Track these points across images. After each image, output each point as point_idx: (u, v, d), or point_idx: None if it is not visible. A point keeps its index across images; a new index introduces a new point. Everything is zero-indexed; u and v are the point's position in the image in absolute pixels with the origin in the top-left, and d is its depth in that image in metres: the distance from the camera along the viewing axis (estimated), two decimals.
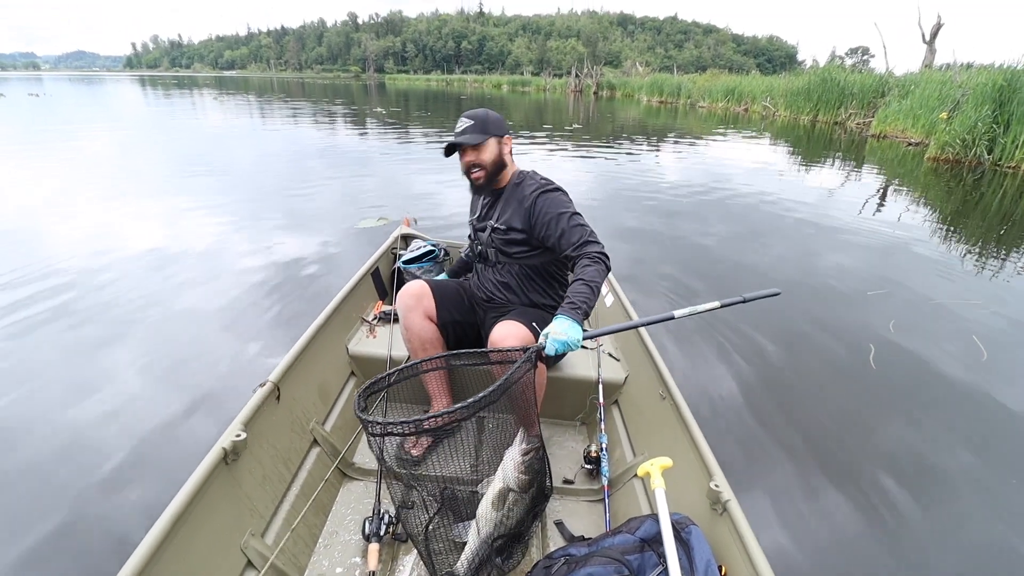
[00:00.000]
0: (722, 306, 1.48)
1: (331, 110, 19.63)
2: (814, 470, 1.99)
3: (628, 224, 5.19)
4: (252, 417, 1.33)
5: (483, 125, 1.65)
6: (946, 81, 11.04)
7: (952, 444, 2.15)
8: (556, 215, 1.59)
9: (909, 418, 2.33)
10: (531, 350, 1.32)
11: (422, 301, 1.72)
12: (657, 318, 1.49)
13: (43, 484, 1.80)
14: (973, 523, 1.78)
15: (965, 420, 2.31)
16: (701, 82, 25.03)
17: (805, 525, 1.74)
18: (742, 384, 2.52)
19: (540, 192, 1.64)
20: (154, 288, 3.39)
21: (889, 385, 2.56)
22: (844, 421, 2.31)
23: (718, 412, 2.31)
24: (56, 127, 12.71)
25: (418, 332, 1.71)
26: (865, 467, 2.02)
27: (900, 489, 1.90)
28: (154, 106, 21.86)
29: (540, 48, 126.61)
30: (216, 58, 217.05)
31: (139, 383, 2.38)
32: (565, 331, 1.34)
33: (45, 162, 7.79)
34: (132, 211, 5.21)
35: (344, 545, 1.43)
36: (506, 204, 1.72)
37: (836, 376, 2.65)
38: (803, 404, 2.43)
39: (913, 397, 2.48)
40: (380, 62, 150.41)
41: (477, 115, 1.66)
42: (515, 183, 1.73)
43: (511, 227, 1.69)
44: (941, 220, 5.71)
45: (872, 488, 1.90)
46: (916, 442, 2.16)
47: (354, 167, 7.93)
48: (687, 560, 1.11)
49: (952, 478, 1.97)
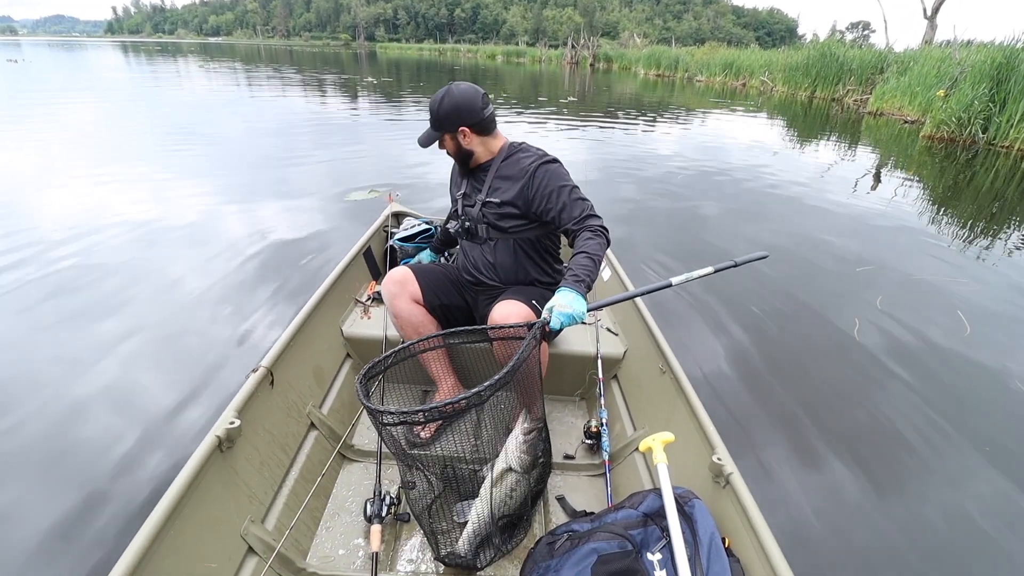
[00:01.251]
0: (716, 271, 1.52)
1: (321, 79, 19.13)
2: (812, 439, 2.03)
3: (623, 197, 5.17)
4: (246, 403, 1.32)
5: (436, 122, 1.62)
6: (945, 58, 10.91)
7: (939, 414, 2.21)
8: (557, 188, 1.55)
9: (894, 387, 2.38)
10: (536, 325, 1.29)
11: (406, 287, 1.69)
12: (655, 286, 1.49)
13: (27, 472, 1.75)
14: (952, 485, 1.85)
15: (961, 392, 2.37)
16: (699, 55, 24.57)
17: (805, 494, 1.78)
18: (737, 357, 2.56)
19: (539, 163, 1.58)
20: (139, 265, 3.31)
21: (872, 356, 2.62)
22: (837, 391, 2.36)
23: (715, 384, 2.34)
24: (38, 95, 12.28)
25: (407, 317, 1.69)
26: (860, 435, 2.07)
27: (893, 455, 1.96)
28: (137, 73, 21.17)
29: (536, 17, 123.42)
30: (201, 24, 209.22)
31: (124, 368, 2.29)
32: (570, 303, 1.31)
33: (27, 131, 7.54)
34: (117, 183, 5.07)
35: (346, 527, 1.43)
36: (498, 177, 1.66)
37: (825, 348, 2.71)
38: (797, 375, 2.47)
39: (896, 368, 2.53)
40: (371, 30, 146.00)
41: (433, 109, 1.61)
42: (506, 156, 1.67)
43: (505, 201, 1.62)
44: (933, 199, 5.72)
45: (868, 454, 1.96)
46: (907, 411, 2.21)
47: (344, 138, 7.77)
48: (691, 533, 1.12)
49: (935, 446, 2.03)
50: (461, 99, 1.58)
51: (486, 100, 1.63)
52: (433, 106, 1.60)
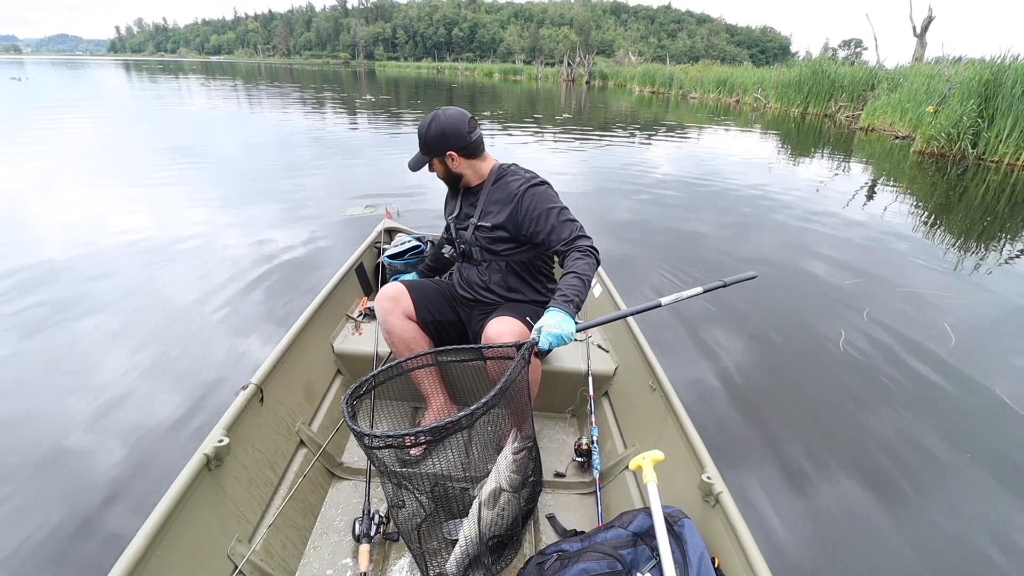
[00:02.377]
0: (704, 291, 1.52)
1: (320, 97, 19.34)
2: (801, 458, 2.02)
3: (616, 214, 5.21)
4: (235, 421, 1.31)
5: (425, 147, 1.63)
6: (934, 75, 11.10)
7: (931, 432, 2.20)
8: (545, 210, 1.56)
9: (884, 404, 2.38)
10: (524, 345, 1.30)
11: (399, 303, 1.69)
12: (645, 306, 1.50)
13: (10, 491, 1.73)
14: (946, 506, 1.83)
15: (954, 411, 2.36)
16: (693, 73, 24.97)
17: (794, 513, 1.77)
18: (727, 373, 2.56)
19: (527, 186, 1.59)
20: (137, 281, 3.33)
21: (861, 372, 2.63)
22: (826, 408, 2.36)
23: (704, 401, 2.34)
24: (42, 113, 12.40)
25: (400, 334, 1.69)
26: (850, 453, 2.06)
27: (882, 472, 1.94)
28: (140, 92, 21.39)
29: (532, 36, 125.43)
30: (202, 43, 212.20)
31: (117, 383, 2.30)
32: (558, 324, 1.32)
33: (30, 149, 7.61)
34: (118, 200, 5.11)
35: (334, 547, 1.42)
36: (488, 200, 1.66)
37: (814, 363, 2.72)
38: (787, 391, 2.47)
39: (885, 384, 2.52)
40: (370, 48, 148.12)
41: (421, 133, 1.63)
42: (495, 178, 1.67)
43: (496, 224, 1.63)
44: (925, 213, 5.77)
45: (858, 472, 1.95)
46: (897, 428, 2.21)
47: (343, 155, 7.84)
48: (680, 553, 1.11)
49: (926, 464, 2.03)
50: (448, 124, 1.59)
51: (473, 124, 1.64)
52: (421, 131, 1.62)
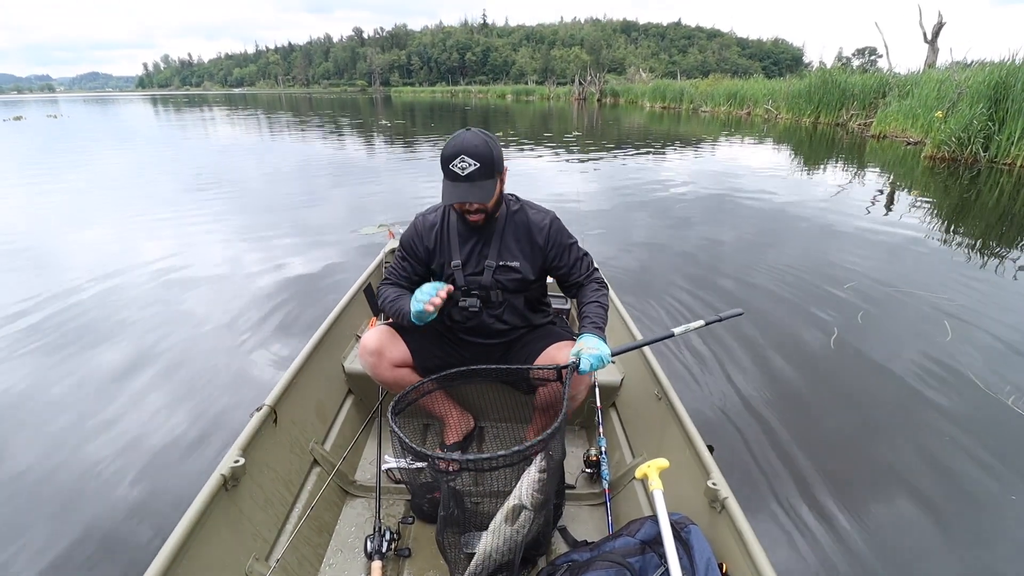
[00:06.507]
0: (706, 324, 1.62)
1: (338, 123, 19.89)
2: (806, 466, 2.01)
3: (631, 231, 5.24)
4: (250, 442, 1.34)
5: (489, 166, 1.37)
6: (944, 80, 10.99)
7: (943, 443, 2.15)
8: (568, 246, 1.62)
9: (894, 413, 2.36)
10: (569, 368, 1.36)
11: (384, 355, 1.59)
12: (660, 336, 1.59)
13: (31, 512, 1.77)
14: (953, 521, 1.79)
15: (968, 421, 2.31)
16: (703, 87, 25.06)
17: (800, 519, 1.76)
18: (731, 382, 2.56)
19: (553, 221, 1.59)
20: (155, 305, 3.46)
21: (860, 375, 2.64)
22: (832, 414, 2.35)
23: (709, 409, 2.35)
24: (76, 147, 13.04)
25: (395, 383, 1.61)
26: (855, 462, 2.06)
27: (887, 481, 1.92)
28: (166, 124, 22.28)
29: (544, 57, 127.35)
30: (225, 76, 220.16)
31: (138, 406, 2.38)
32: (596, 346, 1.39)
33: (60, 180, 8.05)
34: (145, 229, 5.35)
35: (348, 564, 1.44)
36: (506, 238, 1.56)
37: (819, 371, 2.72)
38: (792, 400, 2.46)
39: (896, 394, 2.50)
40: (386, 75, 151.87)
41: (480, 153, 1.35)
42: (510, 212, 1.58)
43: (523, 263, 1.57)
44: (939, 218, 5.68)
45: (862, 481, 1.94)
46: (906, 437, 2.18)
47: (361, 178, 8.09)
48: (688, 560, 1.13)
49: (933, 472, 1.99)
50: (491, 138, 1.42)
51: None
52: (483, 151, 1.36)
